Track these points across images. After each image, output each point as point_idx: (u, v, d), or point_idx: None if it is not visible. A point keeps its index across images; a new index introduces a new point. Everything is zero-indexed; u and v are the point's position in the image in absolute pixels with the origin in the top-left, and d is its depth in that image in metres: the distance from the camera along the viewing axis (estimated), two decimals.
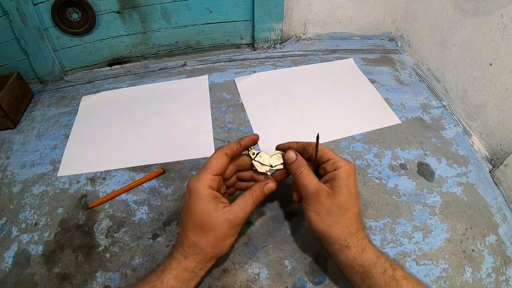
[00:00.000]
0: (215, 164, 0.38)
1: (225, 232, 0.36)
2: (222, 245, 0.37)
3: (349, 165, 0.38)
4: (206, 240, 0.36)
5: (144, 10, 0.69)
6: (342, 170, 0.38)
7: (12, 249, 0.45)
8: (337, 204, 0.36)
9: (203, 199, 0.36)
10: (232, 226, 0.36)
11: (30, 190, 0.52)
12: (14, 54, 0.68)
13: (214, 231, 0.36)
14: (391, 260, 0.35)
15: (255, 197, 0.38)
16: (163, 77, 0.74)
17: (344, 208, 0.36)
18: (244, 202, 0.38)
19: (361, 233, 0.37)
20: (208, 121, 0.62)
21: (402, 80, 0.71)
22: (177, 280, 0.35)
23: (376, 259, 0.35)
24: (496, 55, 0.52)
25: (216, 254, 0.38)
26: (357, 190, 0.38)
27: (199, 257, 0.36)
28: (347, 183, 0.37)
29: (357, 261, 0.35)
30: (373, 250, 0.36)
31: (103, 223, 0.48)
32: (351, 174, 0.38)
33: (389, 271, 0.34)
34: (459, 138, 0.59)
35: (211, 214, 0.36)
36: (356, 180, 0.39)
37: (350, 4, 0.76)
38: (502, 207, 0.49)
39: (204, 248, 0.36)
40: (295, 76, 0.72)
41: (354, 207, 0.37)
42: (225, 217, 0.36)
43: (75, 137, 0.61)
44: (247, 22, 0.76)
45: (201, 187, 0.36)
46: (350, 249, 0.36)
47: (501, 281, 0.41)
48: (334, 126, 0.61)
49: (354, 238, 0.36)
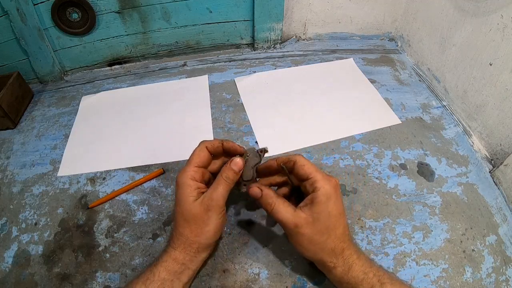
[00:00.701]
0: (197, 157, 0.39)
1: (204, 216, 0.36)
2: (204, 232, 0.37)
3: (329, 184, 0.36)
4: (189, 229, 0.37)
5: (144, 10, 0.69)
6: (320, 192, 0.35)
7: (12, 249, 0.45)
8: (318, 231, 0.35)
9: (185, 190, 0.37)
10: (208, 208, 0.36)
11: (30, 190, 0.52)
12: (14, 54, 0.68)
13: (194, 218, 0.36)
14: (381, 273, 0.35)
15: (224, 176, 0.38)
16: (163, 77, 0.74)
17: (326, 233, 0.35)
18: (215, 183, 0.38)
19: (347, 251, 0.36)
20: (208, 121, 0.62)
21: (402, 80, 0.71)
22: (168, 272, 0.35)
23: (363, 275, 0.35)
24: (496, 55, 0.52)
25: (201, 243, 0.37)
26: (339, 210, 0.36)
27: (186, 247, 0.37)
28: (326, 207, 0.35)
29: (343, 279, 0.35)
30: (360, 266, 0.35)
31: (103, 223, 0.48)
32: (331, 195, 0.36)
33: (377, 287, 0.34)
34: (459, 138, 0.59)
35: (190, 202, 0.36)
36: (339, 198, 0.37)
37: (350, 4, 0.76)
38: (502, 207, 0.49)
39: (188, 237, 0.37)
40: (295, 76, 0.72)
41: (337, 229, 0.36)
42: (201, 201, 0.37)
43: (75, 137, 0.61)
44: (247, 22, 0.76)
45: (185, 179, 0.37)
46: (336, 269, 0.36)
47: (501, 281, 0.41)
48: (334, 126, 0.61)
49: (340, 258, 0.36)
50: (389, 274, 0.36)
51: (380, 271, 0.35)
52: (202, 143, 0.41)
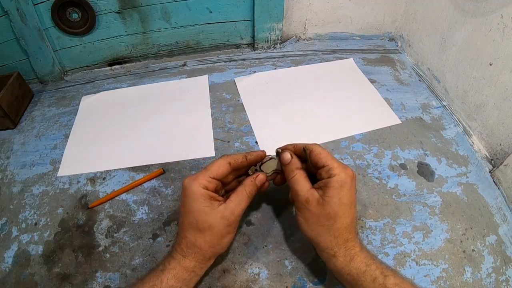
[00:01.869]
0: (216, 169, 0.38)
1: (222, 230, 0.36)
2: (220, 243, 0.37)
3: (345, 173, 0.36)
4: (203, 239, 0.36)
5: (144, 10, 0.69)
6: (335, 179, 0.36)
7: (12, 249, 0.45)
8: (325, 214, 0.35)
9: (198, 198, 0.36)
10: (229, 223, 0.36)
11: (30, 190, 0.52)
12: (14, 54, 0.68)
13: (211, 230, 0.36)
14: (384, 266, 0.35)
15: (248, 191, 0.38)
16: (163, 77, 0.74)
17: (333, 218, 0.35)
18: (238, 197, 0.38)
19: (351, 242, 0.36)
20: (208, 121, 0.62)
21: (402, 80, 0.71)
22: (176, 280, 0.35)
23: (365, 267, 0.34)
24: (496, 55, 0.52)
25: (215, 253, 0.38)
26: (351, 200, 0.36)
27: (198, 256, 0.36)
28: (338, 193, 0.35)
29: (344, 270, 0.35)
30: (363, 258, 0.35)
31: (103, 223, 0.48)
32: (345, 183, 0.36)
33: (379, 279, 0.33)
34: (459, 138, 0.59)
35: (207, 213, 0.36)
36: (353, 189, 0.37)
37: (350, 4, 0.77)
38: (502, 207, 0.49)
39: (202, 248, 0.36)
40: (295, 76, 0.72)
41: (345, 218, 0.36)
42: (221, 215, 0.36)
43: (75, 137, 0.61)
44: (247, 22, 0.76)
45: (195, 186, 0.36)
46: (337, 258, 0.35)
47: (501, 281, 0.41)
48: (334, 126, 0.61)
49: (342, 248, 0.36)
50: (391, 268, 0.35)
51: (383, 264, 0.35)
52: (226, 158, 0.39)
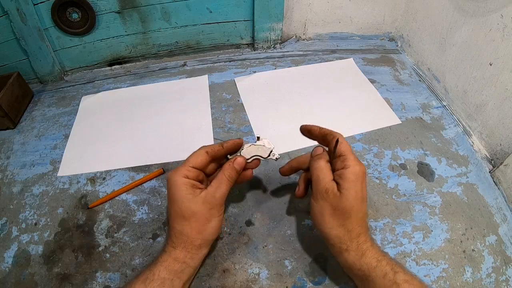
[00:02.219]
0: (194, 159, 0.39)
1: (206, 214, 0.37)
2: (206, 228, 0.37)
3: (359, 166, 0.36)
4: (189, 226, 0.36)
5: (144, 10, 0.69)
6: (350, 170, 0.36)
7: (12, 249, 0.45)
8: (341, 207, 0.35)
9: (179, 187, 0.37)
10: (211, 206, 0.37)
11: (30, 190, 0.52)
12: (14, 54, 0.68)
13: (195, 216, 0.36)
14: (394, 262, 0.35)
15: (227, 175, 0.39)
16: (163, 77, 0.74)
17: (348, 212, 0.35)
18: (218, 181, 0.38)
19: (363, 237, 0.36)
20: (208, 121, 0.62)
21: (402, 80, 0.71)
22: (168, 272, 0.35)
23: (376, 263, 0.34)
24: (496, 55, 0.52)
25: (204, 240, 0.38)
26: (364, 194, 0.36)
27: (187, 245, 0.37)
28: (354, 185, 0.35)
29: (355, 265, 0.35)
30: (374, 254, 0.35)
31: (103, 223, 0.48)
32: (359, 176, 0.36)
33: (390, 275, 0.33)
34: (459, 138, 0.59)
35: (189, 200, 0.36)
36: (365, 184, 0.37)
37: (350, 4, 0.77)
38: (502, 207, 0.49)
39: (190, 235, 0.36)
40: (295, 76, 0.72)
41: (359, 212, 0.36)
42: (203, 200, 0.37)
43: (75, 137, 0.61)
44: (247, 22, 0.76)
45: (177, 177, 0.37)
46: (349, 252, 0.35)
47: (501, 281, 0.41)
48: (334, 126, 0.60)
49: (355, 242, 0.36)
50: (401, 265, 0.35)
51: (393, 261, 0.35)
52: (203, 148, 0.41)
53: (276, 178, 0.52)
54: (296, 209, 0.48)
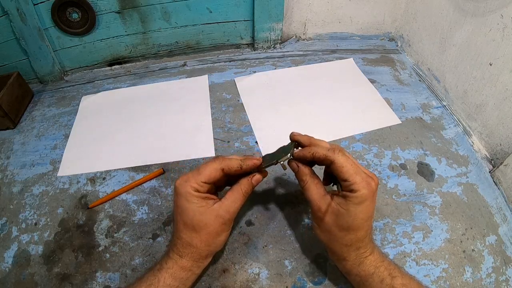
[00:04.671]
0: (208, 174, 0.36)
1: (218, 228, 0.36)
2: (216, 241, 0.37)
3: (368, 188, 0.33)
4: (199, 238, 0.36)
5: (144, 10, 0.69)
6: (356, 195, 0.33)
7: (12, 249, 0.45)
8: (338, 225, 0.35)
9: (191, 200, 0.36)
10: (224, 221, 0.36)
11: (30, 190, 0.52)
12: (14, 54, 0.68)
13: (207, 229, 0.36)
14: (393, 267, 0.35)
15: (244, 190, 0.38)
16: (163, 77, 0.74)
17: (346, 231, 0.35)
18: (234, 196, 0.37)
19: (362, 249, 0.35)
20: (208, 121, 0.62)
21: (402, 80, 0.71)
22: (174, 279, 0.35)
23: (373, 269, 0.34)
24: (496, 55, 0.52)
25: (211, 251, 0.38)
26: (369, 214, 0.35)
27: (194, 255, 0.36)
28: (355, 209, 0.34)
29: (353, 271, 0.35)
30: (373, 261, 0.35)
31: (103, 223, 0.48)
32: (365, 199, 0.34)
33: (387, 280, 0.34)
34: (459, 138, 0.59)
35: (202, 213, 0.35)
36: (374, 201, 0.35)
37: (350, 4, 0.76)
38: (502, 207, 0.49)
39: (198, 247, 0.36)
40: (295, 76, 0.72)
41: (359, 230, 0.34)
42: (216, 213, 0.36)
43: (75, 137, 0.61)
44: (247, 22, 0.76)
45: (187, 188, 0.36)
46: (347, 261, 0.36)
47: (501, 281, 0.41)
48: (334, 126, 0.61)
49: (353, 254, 0.35)
50: (400, 269, 0.36)
51: (392, 265, 0.35)
52: (219, 162, 0.37)
53: (277, 178, 0.52)
54: (296, 210, 0.48)
